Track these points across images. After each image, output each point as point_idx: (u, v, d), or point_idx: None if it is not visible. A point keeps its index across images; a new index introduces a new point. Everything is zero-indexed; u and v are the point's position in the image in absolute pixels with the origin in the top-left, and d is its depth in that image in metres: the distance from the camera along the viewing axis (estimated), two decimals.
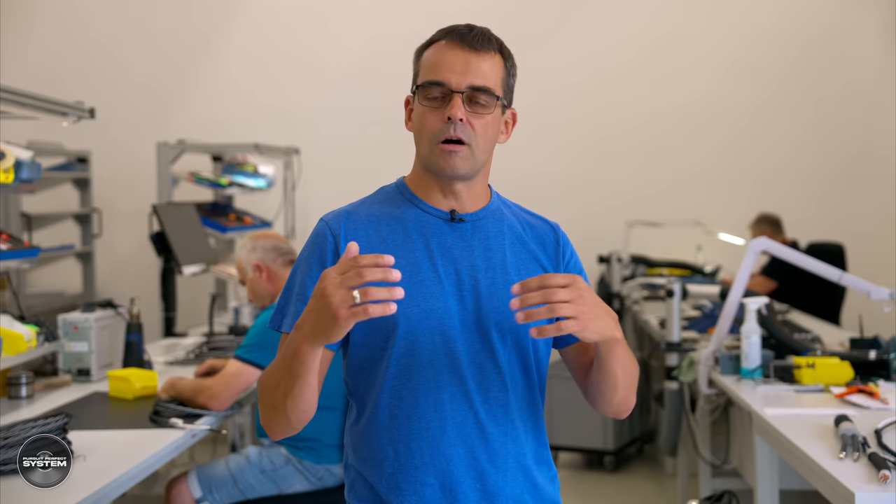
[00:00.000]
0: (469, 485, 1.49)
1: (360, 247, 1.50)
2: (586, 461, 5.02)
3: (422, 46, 1.57)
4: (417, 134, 1.55)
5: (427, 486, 1.49)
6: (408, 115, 1.58)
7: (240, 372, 2.84)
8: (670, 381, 3.73)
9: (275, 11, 6.65)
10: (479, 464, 1.50)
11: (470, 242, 1.55)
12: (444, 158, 1.51)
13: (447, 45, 1.52)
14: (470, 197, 1.57)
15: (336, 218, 1.56)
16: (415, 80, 1.56)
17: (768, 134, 6.60)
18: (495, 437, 1.51)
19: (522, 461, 1.54)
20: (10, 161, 2.99)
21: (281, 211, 5.86)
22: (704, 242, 6.41)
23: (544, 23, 6.62)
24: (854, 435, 2.23)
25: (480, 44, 1.51)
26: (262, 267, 3.15)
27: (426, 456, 1.49)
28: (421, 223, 1.55)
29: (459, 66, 1.50)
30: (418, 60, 1.56)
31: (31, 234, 5.54)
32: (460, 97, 1.49)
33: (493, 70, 1.52)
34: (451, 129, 1.49)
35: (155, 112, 6.54)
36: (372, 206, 1.59)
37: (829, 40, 6.55)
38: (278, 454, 2.98)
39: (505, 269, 1.55)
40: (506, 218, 1.60)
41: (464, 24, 1.55)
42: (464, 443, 1.49)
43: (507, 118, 1.58)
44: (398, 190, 1.60)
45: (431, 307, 1.50)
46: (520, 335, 1.53)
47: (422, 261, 1.52)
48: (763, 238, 3.29)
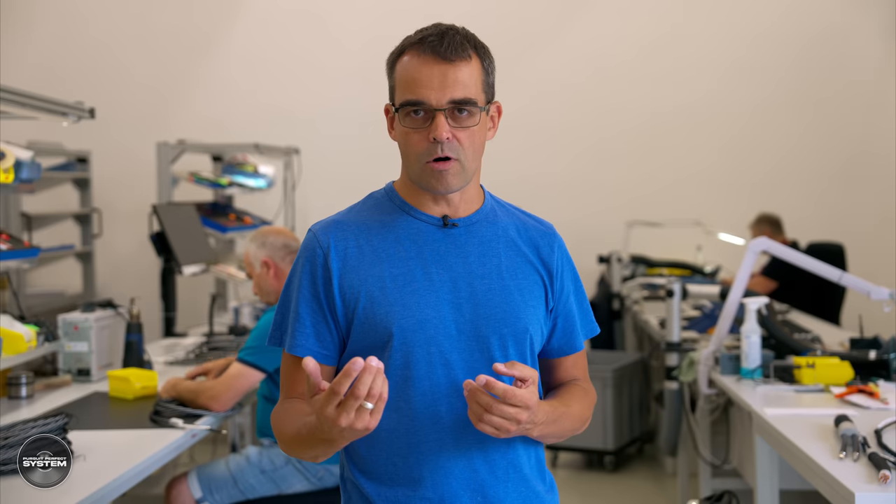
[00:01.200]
0: (469, 498, 1.48)
1: (351, 257, 1.50)
2: (586, 461, 5.02)
3: (393, 56, 1.51)
4: (404, 153, 1.51)
5: (426, 502, 1.47)
6: (390, 123, 1.53)
7: (242, 374, 2.84)
8: (670, 381, 3.73)
9: (275, 11, 6.65)
10: (479, 476, 1.48)
11: (464, 248, 1.52)
12: (434, 178, 1.47)
13: (421, 59, 1.46)
14: (462, 202, 1.54)
15: (324, 230, 1.53)
16: (392, 93, 1.51)
17: (768, 134, 6.60)
18: (495, 447, 1.49)
19: (522, 471, 1.53)
20: (10, 161, 2.99)
21: (281, 211, 5.86)
22: (704, 242, 6.41)
23: (544, 23, 6.62)
24: (854, 435, 2.23)
25: (455, 52, 1.45)
26: (271, 264, 3.15)
27: (425, 470, 1.47)
28: (413, 231, 1.52)
29: (437, 82, 1.44)
30: (392, 72, 1.50)
31: (31, 234, 5.54)
32: (443, 114, 1.45)
33: (471, 77, 1.47)
34: (437, 149, 1.45)
35: (155, 112, 6.54)
36: (361, 214, 1.55)
37: (829, 40, 6.55)
38: (278, 454, 2.98)
39: (500, 274, 1.52)
40: (500, 220, 1.57)
41: (432, 26, 1.49)
42: (463, 455, 1.47)
43: (493, 113, 1.54)
44: (388, 196, 1.56)
45: (426, 317, 1.47)
46: (520, 340, 1.51)
47: (415, 269, 1.49)
48: (763, 238, 3.29)
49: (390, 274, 1.48)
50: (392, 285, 1.48)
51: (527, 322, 1.51)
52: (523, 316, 1.51)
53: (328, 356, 1.51)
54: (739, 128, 6.61)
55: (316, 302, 1.50)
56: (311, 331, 1.50)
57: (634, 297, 5.50)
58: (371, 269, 1.49)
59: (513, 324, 1.50)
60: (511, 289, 1.52)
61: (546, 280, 1.56)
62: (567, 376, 1.62)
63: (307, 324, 1.50)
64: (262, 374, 2.87)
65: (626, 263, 6.02)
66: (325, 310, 1.49)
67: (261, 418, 3.07)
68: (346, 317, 1.49)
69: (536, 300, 1.54)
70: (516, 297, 1.51)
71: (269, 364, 2.86)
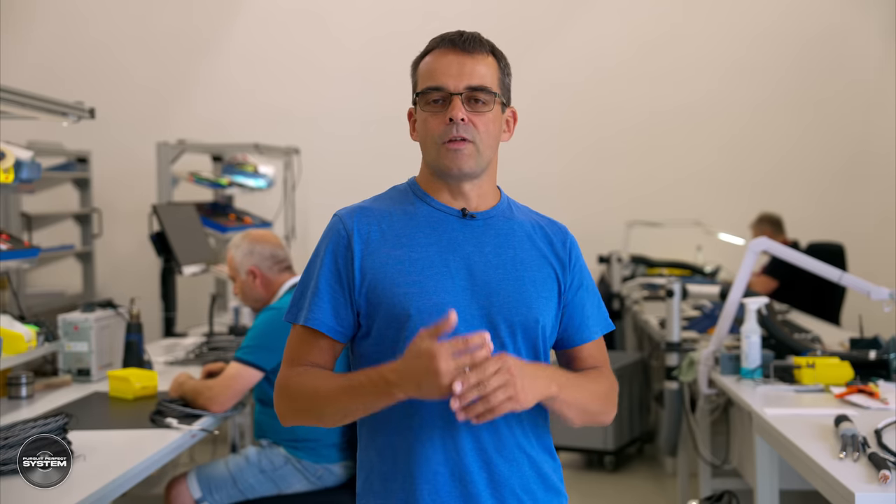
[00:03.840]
0: (477, 474, 1.53)
1: (373, 240, 1.57)
2: (586, 461, 5.02)
3: (417, 58, 1.62)
4: (423, 140, 1.59)
5: (439, 475, 1.52)
6: (412, 126, 1.62)
7: (239, 373, 2.84)
8: (670, 381, 3.74)
9: (275, 11, 6.65)
10: (486, 454, 1.53)
11: (481, 239, 1.59)
12: (449, 158, 1.55)
13: (441, 51, 1.57)
14: (479, 196, 1.61)
15: (349, 214, 1.60)
16: (414, 90, 1.61)
17: (768, 134, 6.60)
18: (503, 428, 1.54)
19: (529, 452, 1.57)
20: (10, 161, 2.99)
21: (281, 211, 5.86)
22: (704, 242, 6.41)
23: (544, 23, 6.62)
24: (854, 435, 2.23)
25: (473, 46, 1.56)
26: (258, 273, 3.13)
27: (437, 445, 1.52)
28: (433, 219, 1.59)
29: (455, 70, 1.55)
30: (415, 72, 1.61)
31: (31, 234, 5.54)
32: (459, 98, 1.54)
33: (488, 70, 1.57)
34: (453, 129, 1.54)
35: (155, 112, 6.54)
36: (385, 203, 1.63)
37: (829, 40, 6.55)
38: (277, 454, 2.98)
39: (514, 266, 1.58)
40: (516, 217, 1.64)
41: (454, 30, 1.60)
42: (472, 432, 1.52)
43: (508, 117, 1.63)
44: (410, 188, 1.64)
45: (443, 301, 1.52)
46: (529, 330, 1.57)
47: (433, 255, 1.56)
48: (763, 238, 3.29)
49: (409, 258, 1.55)
50: (411, 269, 1.54)
51: (538, 313, 1.57)
52: (535, 307, 1.57)
53: (342, 333, 1.57)
54: (739, 128, 6.61)
55: (337, 280, 1.56)
56: (329, 306, 1.56)
57: (634, 297, 5.50)
58: (392, 253, 1.56)
59: (524, 313, 1.56)
60: (524, 280, 1.58)
61: (559, 273, 1.62)
62: (585, 366, 1.67)
63: (325, 299, 1.56)
64: (261, 373, 2.86)
65: (626, 263, 6.03)
66: (344, 289, 1.56)
67: (258, 420, 3.07)
68: (366, 297, 1.55)
69: (549, 292, 1.60)
70: (529, 288, 1.57)
71: (267, 363, 2.86)
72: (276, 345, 2.82)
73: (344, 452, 2.99)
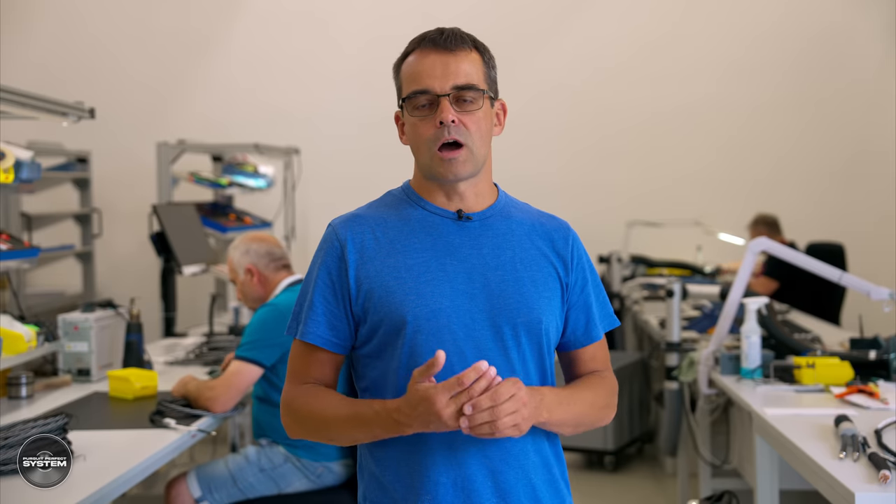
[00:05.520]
0: (482, 483, 1.51)
1: (368, 249, 1.55)
2: (586, 461, 5.02)
3: (398, 60, 1.58)
4: (414, 145, 1.56)
5: (440, 486, 1.50)
6: (400, 129, 1.59)
7: (240, 371, 2.85)
8: (670, 381, 3.73)
9: (275, 12, 6.65)
10: (491, 462, 1.51)
11: (478, 241, 1.56)
12: (444, 167, 1.52)
13: (422, 52, 1.54)
14: (475, 196, 1.58)
15: (343, 224, 1.58)
16: (399, 95, 1.57)
17: (768, 134, 6.60)
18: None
19: (535, 458, 1.55)
20: (10, 161, 2.99)
21: (281, 211, 5.86)
22: (704, 242, 6.41)
23: (543, 23, 6.62)
24: (854, 435, 2.23)
25: (455, 44, 1.53)
26: (254, 271, 3.16)
27: (438, 455, 1.50)
28: (428, 224, 1.56)
29: (439, 70, 1.51)
30: (398, 75, 1.58)
31: (31, 234, 5.54)
32: (447, 99, 1.51)
33: (472, 66, 1.53)
34: (444, 132, 1.50)
35: (155, 112, 6.54)
36: (379, 209, 1.60)
37: (829, 40, 6.56)
38: (277, 453, 2.98)
39: (514, 266, 1.55)
40: (514, 215, 1.61)
41: (433, 29, 1.56)
42: (476, 441, 1.49)
43: (498, 109, 1.60)
44: (404, 193, 1.61)
45: (440, 306, 1.50)
46: (533, 331, 1.54)
47: (430, 260, 1.53)
48: (763, 238, 3.29)
49: (405, 264, 1.53)
50: (407, 275, 1.52)
51: (540, 313, 1.54)
52: (536, 307, 1.54)
53: (339, 345, 1.57)
54: (739, 128, 6.61)
55: (331, 292, 1.55)
56: (323, 319, 1.55)
57: (634, 297, 5.50)
58: (387, 260, 1.54)
59: (526, 314, 1.53)
60: (524, 280, 1.55)
61: (561, 272, 1.59)
62: (587, 368, 1.65)
63: (320, 312, 1.55)
64: (261, 370, 2.87)
65: (626, 263, 6.03)
66: (339, 300, 1.55)
67: (256, 418, 3.07)
68: (363, 306, 1.53)
69: (551, 292, 1.57)
70: (530, 288, 1.55)
71: (267, 359, 2.87)
72: (273, 340, 2.86)
73: (343, 450, 2.99)
